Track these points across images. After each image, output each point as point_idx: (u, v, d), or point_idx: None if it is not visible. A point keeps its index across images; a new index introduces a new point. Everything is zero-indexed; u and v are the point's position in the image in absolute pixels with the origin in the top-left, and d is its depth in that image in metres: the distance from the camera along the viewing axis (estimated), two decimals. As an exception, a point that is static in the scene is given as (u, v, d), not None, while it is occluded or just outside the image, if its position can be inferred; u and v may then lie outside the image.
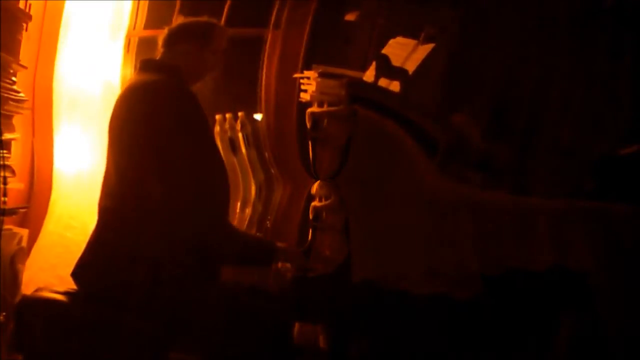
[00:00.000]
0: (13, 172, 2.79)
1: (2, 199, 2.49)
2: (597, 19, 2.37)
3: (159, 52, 2.32)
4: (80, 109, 3.13)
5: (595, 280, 2.11)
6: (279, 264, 2.28)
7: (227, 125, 2.90)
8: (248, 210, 2.84)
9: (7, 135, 2.78)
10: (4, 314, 2.59)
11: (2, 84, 2.75)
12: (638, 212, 2.13)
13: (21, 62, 2.94)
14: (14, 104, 2.89)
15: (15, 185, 2.88)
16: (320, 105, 2.49)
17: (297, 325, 2.40)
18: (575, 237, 2.14)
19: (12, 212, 2.74)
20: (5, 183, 2.54)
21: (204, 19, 2.38)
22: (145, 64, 2.30)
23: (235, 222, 2.85)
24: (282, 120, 2.81)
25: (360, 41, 2.93)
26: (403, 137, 2.42)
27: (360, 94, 2.46)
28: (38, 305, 2.10)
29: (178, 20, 2.37)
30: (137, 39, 3.29)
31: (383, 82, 2.78)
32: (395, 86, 2.77)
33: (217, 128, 2.91)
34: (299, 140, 2.72)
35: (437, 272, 2.24)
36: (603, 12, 2.38)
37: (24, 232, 2.87)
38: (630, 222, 2.14)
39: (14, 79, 2.93)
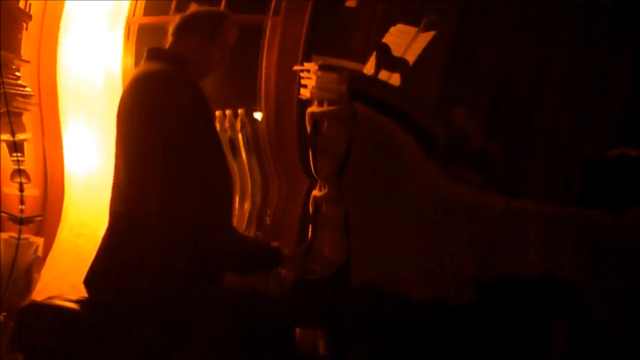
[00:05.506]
0: (28, 177, 2.76)
1: (20, 207, 2.51)
2: (597, 16, 2.31)
3: (167, 40, 2.28)
4: (85, 102, 3.11)
5: (583, 289, 2.15)
6: (281, 269, 2.32)
7: (227, 124, 2.88)
8: (247, 206, 2.85)
9: (19, 136, 2.76)
10: (4, 314, 2.61)
11: (6, 80, 2.72)
12: (623, 220, 2.15)
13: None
14: (22, 99, 2.87)
15: (31, 191, 2.85)
16: (320, 104, 2.48)
17: (297, 331, 2.47)
18: (563, 245, 2.17)
19: (28, 220, 2.73)
20: (21, 190, 2.56)
21: (215, 9, 2.32)
22: (152, 53, 2.26)
23: (235, 219, 2.86)
24: (282, 118, 2.79)
25: (361, 28, 2.86)
26: (403, 137, 2.39)
27: (360, 89, 2.44)
28: (41, 310, 2.13)
29: (191, 8, 2.29)
30: (136, 26, 3.25)
31: (383, 74, 2.76)
32: (395, 78, 2.75)
33: (217, 126, 2.90)
34: (299, 140, 2.71)
35: (435, 276, 2.27)
36: (603, 9, 2.31)
37: (40, 241, 2.86)
38: (616, 229, 2.16)
39: (17, 74, 2.91)
